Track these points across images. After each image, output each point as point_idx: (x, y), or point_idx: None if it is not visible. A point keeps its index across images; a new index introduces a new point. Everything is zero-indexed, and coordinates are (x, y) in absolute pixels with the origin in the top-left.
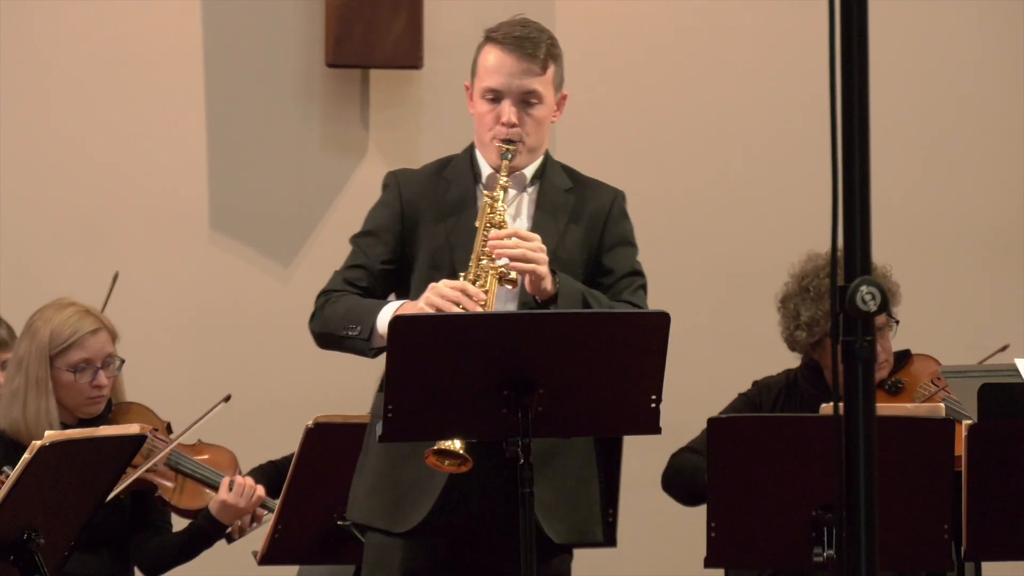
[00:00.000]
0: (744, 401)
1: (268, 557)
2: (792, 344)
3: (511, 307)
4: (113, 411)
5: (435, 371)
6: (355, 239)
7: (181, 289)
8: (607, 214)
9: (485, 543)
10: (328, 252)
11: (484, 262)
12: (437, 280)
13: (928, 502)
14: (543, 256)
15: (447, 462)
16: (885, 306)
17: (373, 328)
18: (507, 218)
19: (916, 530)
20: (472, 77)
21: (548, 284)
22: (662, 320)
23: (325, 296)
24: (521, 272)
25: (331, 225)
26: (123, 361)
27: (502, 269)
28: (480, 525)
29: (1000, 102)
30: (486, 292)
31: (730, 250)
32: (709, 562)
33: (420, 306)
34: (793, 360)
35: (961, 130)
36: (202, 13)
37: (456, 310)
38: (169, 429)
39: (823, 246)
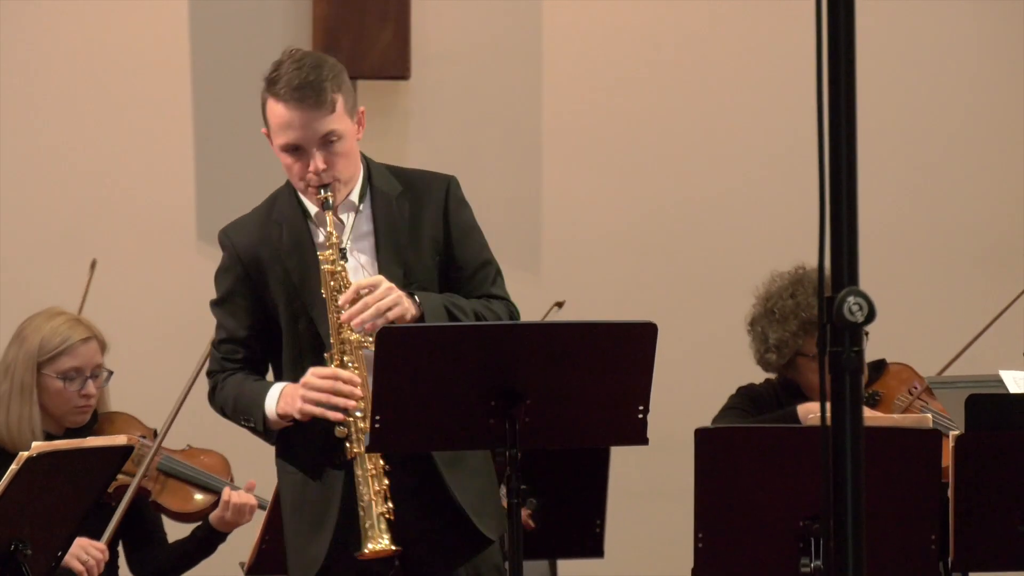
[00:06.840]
0: (743, 397)
1: (255, 568)
2: (765, 366)
3: None
4: (99, 421)
5: (422, 382)
6: (214, 307)
7: (168, 299)
8: (444, 206)
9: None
10: None
11: (344, 334)
12: (300, 330)
13: (915, 513)
14: (395, 296)
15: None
16: (872, 316)
17: (264, 418)
18: (348, 255)
19: (903, 541)
20: (265, 124)
21: (412, 312)
22: (649, 331)
23: (212, 379)
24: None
25: None
26: (111, 373)
27: (364, 342)
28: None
29: (997, 106)
30: (356, 369)
31: (717, 260)
32: (696, 572)
33: (298, 406)
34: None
35: (957, 137)
36: (189, 24)
37: (334, 415)
38: (156, 436)
39: (812, 255)
